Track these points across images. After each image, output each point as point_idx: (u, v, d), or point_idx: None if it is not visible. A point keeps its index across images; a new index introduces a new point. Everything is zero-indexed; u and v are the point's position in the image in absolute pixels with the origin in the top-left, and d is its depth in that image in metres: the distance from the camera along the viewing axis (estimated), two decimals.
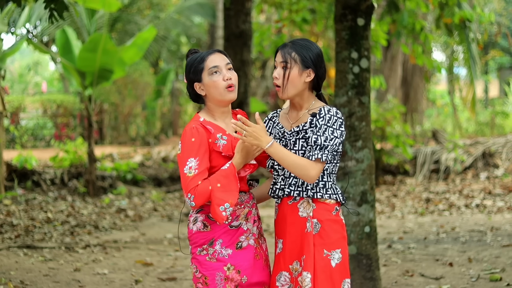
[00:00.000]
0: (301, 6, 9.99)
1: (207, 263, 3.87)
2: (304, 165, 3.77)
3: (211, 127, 3.87)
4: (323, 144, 3.79)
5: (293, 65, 3.89)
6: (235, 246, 3.89)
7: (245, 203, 3.95)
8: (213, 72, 3.86)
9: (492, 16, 9.44)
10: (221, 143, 3.86)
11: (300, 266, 3.88)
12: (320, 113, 3.85)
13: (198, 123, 3.87)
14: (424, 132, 19.63)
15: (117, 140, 23.90)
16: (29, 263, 7.91)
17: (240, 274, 3.87)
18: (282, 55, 3.92)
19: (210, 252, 3.87)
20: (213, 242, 3.87)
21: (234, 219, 3.90)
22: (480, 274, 7.20)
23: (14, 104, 21.49)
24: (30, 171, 13.72)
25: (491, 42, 26.39)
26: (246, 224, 3.94)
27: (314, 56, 3.92)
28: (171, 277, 7.43)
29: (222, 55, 3.93)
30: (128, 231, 10.30)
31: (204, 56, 3.90)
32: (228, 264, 3.86)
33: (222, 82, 3.86)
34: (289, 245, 3.92)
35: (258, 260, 3.96)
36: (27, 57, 40.47)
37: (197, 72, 3.89)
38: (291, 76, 3.89)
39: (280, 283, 3.93)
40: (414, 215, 11.45)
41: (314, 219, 3.88)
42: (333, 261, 3.86)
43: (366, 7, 6.17)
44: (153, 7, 23.93)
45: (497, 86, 34.98)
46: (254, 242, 3.95)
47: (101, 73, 12.88)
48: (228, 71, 3.90)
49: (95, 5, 10.80)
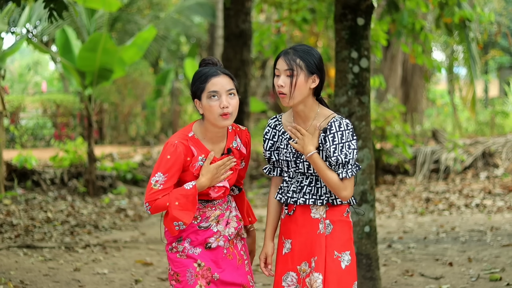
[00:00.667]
0: (301, 6, 9.99)
1: (178, 260, 3.92)
2: (337, 186, 3.84)
3: (196, 148, 3.87)
4: (345, 161, 3.82)
5: (299, 72, 3.83)
6: (204, 246, 3.92)
7: (217, 205, 3.96)
8: (211, 96, 3.81)
9: (492, 16, 9.44)
10: (198, 165, 3.87)
11: (309, 267, 3.87)
12: (331, 129, 3.84)
13: (184, 139, 3.87)
14: (424, 132, 19.64)
15: (117, 139, 23.90)
16: (29, 263, 7.91)
17: (210, 271, 3.89)
18: (287, 62, 3.84)
19: (180, 249, 3.91)
20: (181, 239, 3.91)
21: (204, 220, 3.92)
22: (480, 274, 7.19)
23: (14, 104, 21.48)
24: (30, 170, 13.72)
25: (491, 41, 26.38)
26: (216, 226, 3.94)
27: (317, 61, 3.89)
28: None
29: (226, 79, 3.85)
30: (128, 231, 10.30)
31: (208, 77, 3.83)
32: (198, 260, 3.88)
33: (218, 109, 3.80)
34: (298, 246, 3.91)
35: (231, 260, 3.96)
36: (27, 57, 40.45)
37: (197, 91, 3.86)
38: (298, 83, 3.83)
39: (287, 283, 3.93)
40: (414, 215, 11.45)
41: (327, 220, 3.89)
42: (343, 263, 3.87)
43: (366, 6, 6.17)
44: (153, 7, 23.93)
45: (497, 86, 34.97)
46: (224, 243, 3.95)
47: (101, 72, 12.88)
48: (228, 97, 3.82)
49: (95, 4, 10.80)
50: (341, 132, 3.83)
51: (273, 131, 4.05)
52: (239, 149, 4.00)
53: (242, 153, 4.03)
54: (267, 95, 28.04)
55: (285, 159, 3.96)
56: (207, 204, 3.93)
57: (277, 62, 3.89)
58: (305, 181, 3.93)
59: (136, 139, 24.18)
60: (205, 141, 3.91)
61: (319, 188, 3.92)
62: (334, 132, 3.83)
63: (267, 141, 4.05)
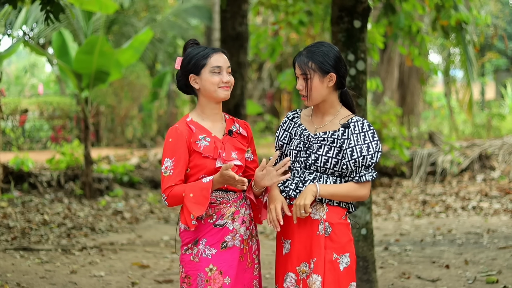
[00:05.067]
0: (297, 8, 10.00)
1: (191, 262, 3.89)
2: (355, 194, 3.88)
3: (195, 127, 3.91)
4: (368, 164, 3.85)
5: (313, 75, 3.89)
6: (220, 246, 3.88)
7: (232, 202, 3.93)
8: (215, 72, 3.89)
9: (489, 18, 9.47)
10: (203, 144, 3.87)
11: (308, 268, 3.86)
12: (354, 127, 3.89)
13: (183, 123, 3.92)
14: (420, 134, 19.66)
15: (114, 142, 23.88)
16: (26, 265, 7.90)
17: (222, 274, 3.86)
18: (300, 66, 3.92)
19: (194, 251, 3.88)
20: (197, 241, 3.88)
21: (219, 218, 3.89)
22: (476, 276, 7.20)
23: (11, 106, 21.46)
24: (26, 173, 13.70)
25: (488, 44, 26.43)
26: (232, 223, 3.92)
27: (332, 59, 3.91)
28: (168, 279, 7.43)
29: (225, 57, 3.96)
30: (125, 233, 10.29)
31: (209, 53, 3.92)
32: (210, 265, 3.86)
33: (220, 82, 3.89)
34: (297, 246, 3.91)
35: (242, 262, 3.94)
36: (23, 59, 40.45)
37: (197, 66, 3.91)
38: (314, 85, 3.90)
39: (286, 284, 3.92)
40: (411, 217, 11.45)
41: (326, 222, 3.88)
42: (341, 265, 3.87)
43: (362, 9, 6.17)
44: (150, 9, 23.93)
45: (493, 88, 35.03)
46: (240, 243, 3.93)
47: (97, 75, 12.87)
48: (228, 75, 3.93)
49: (91, 7, 10.79)
50: (364, 133, 3.88)
51: (290, 122, 4.10)
52: (239, 133, 4.03)
53: (244, 136, 4.04)
54: (263, 97, 28.06)
55: (295, 149, 3.99)
56: (222, 200, 3.90)
57: (294, 67, 3.98)
58: (308, 177, 3.93)
59: (133, 141, 24.17)
60: (204, 122, 3.95)
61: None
62: (357, 133, 3.87)
63: (282, 132, 4.09)
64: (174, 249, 8.89)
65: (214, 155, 3.87)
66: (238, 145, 3.98)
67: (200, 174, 3.87)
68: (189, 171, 3.89)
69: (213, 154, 3.86)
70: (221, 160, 3.87)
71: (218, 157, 3.88)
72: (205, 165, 3.86)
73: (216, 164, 3.86)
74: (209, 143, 3.88)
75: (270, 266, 7.58)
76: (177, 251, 4.07)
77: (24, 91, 31.39)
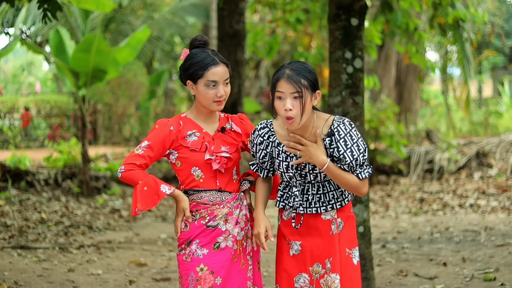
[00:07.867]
0: (294, 6, 9.99)
1: (183, 262, 3.92)
2: (357, 186, 3.79)
3: (187, 122, 3.94)
4: (360, 163, 3.76)
5: (306, 93, 3.67)
6: (212, 247, 3.89)
7: (225, 203, 3.93)
8: (209, 85, 3.86)
9: (486, 16, 9.46)
10: (191, 140, 3.90)
11: (322, 268, 3.83)
12: (339, 132, 3.73)
13: (176, 117, 3.97)
14: (418, 132, 19.68)
15: (111, 140, 23.88)
16: (23, 264, 7.90)
17: (213, 275, 3.86)
18: (294, 85, 3.64)
19: (187, 251, 3.90)
20: (190, 242, 3.90)
21: (211, 219, 3.90)
22: (474, 274, 7.20)
23: (8, 105, 21.45)
24: (24, 171, 13.70)
25: (485, 42, 26.44)
26: (225, 225, 3.91)
27: (315, 76, 3.77)
28: (165, 277, 7.42)
29: (225, 68, 3.89)
30: (122, 232, 10.29)
31: (208, 65, 3.86)
32: (201, 265, 3.86)
33: (215, 96, 3.86)
34: (309, 247, 3.86)
35: (236, 263, 3.93)
36: (20, 58, 40.41)
37: (195, 76, 3.89)
38: (307, 104, 3.68)
39: (299, 284, 3.88)
40: (408, 215, 11.46)
41: (339, 219, 3.87)
42: (354, 259, 3.89)
43: (359, 7, 6.17)
44: (147, 8, 23.91)
45: (490, 86, 35.04)
46: (233, 243, 3.92)
47: (95, 73, 12.86)
48: (224, 86, 3.89)
49: (88, 5, 10.76)
50: (349, 136, 3.74)
51: (266, 141, 3.89)
52: (233, 130, 4.02)
53: (238, 133, 4.02)
54: (261, 95, 28.04)
55: (288, 173, 3.85)
56: (215, 201, 3.90)
57: (277, 85, 3.69)
58: (312, 189, 3.86)
59: (130, 139, 24.16)
60: (198, 120, 3.97)
61: (326, 194, 3.86)
62: (342, 137, 3.73)
63: (260, 151, 3.91)
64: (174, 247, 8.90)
65: (201, 149, 3.88)
66: (229, 140, 3.98)
67: (191, 168, 3.90)
68: (179, 165, 3.93)
69: (200, 148, 3.88)
70: (209, 153, 3.88)
71: (205, 150, 3.89)
72: (194, 158, 3.89)
73: (205, 156, 3.88)
74: (198, 138, 3.90)
75: (268, 264, 7.58)
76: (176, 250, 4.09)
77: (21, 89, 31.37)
